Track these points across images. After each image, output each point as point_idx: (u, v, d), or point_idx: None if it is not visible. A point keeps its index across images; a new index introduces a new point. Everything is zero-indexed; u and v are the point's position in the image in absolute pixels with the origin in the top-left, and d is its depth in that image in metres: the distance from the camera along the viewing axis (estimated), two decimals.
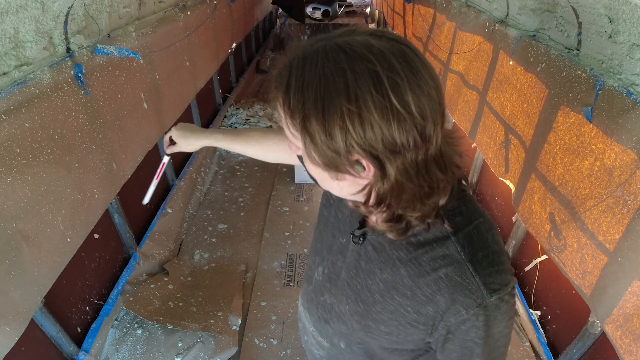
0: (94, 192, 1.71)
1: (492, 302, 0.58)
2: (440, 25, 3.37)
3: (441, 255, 0.60)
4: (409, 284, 0.63)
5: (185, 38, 2.80)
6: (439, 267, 0.60)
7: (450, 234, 0.60)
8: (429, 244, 0.61)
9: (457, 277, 0.58)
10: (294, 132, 0.54)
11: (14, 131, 1.26)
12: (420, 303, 0.62)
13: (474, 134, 2.66)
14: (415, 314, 0.63)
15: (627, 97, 1.31)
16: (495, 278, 0.58)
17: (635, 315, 1.24)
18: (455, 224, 0.60)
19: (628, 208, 1.27)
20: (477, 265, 0.58)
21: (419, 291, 0.62)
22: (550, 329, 1.96)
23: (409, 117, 0.48)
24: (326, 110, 0.48)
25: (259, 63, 6.40)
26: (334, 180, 0.57)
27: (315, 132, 0.50)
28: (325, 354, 0.86)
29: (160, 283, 2.24)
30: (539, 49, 1.87)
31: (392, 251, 0.65)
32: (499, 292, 0.58)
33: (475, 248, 0.59)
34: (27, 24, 1.29)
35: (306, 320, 0.88)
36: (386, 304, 0.66)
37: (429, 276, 0.61)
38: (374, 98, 0.47)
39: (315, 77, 0.49)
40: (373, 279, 0.68)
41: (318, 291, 0.81)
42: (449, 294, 0.59)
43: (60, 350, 1.67)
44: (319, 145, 0.51)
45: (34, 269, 1.35)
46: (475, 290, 0.58)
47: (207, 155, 3.59)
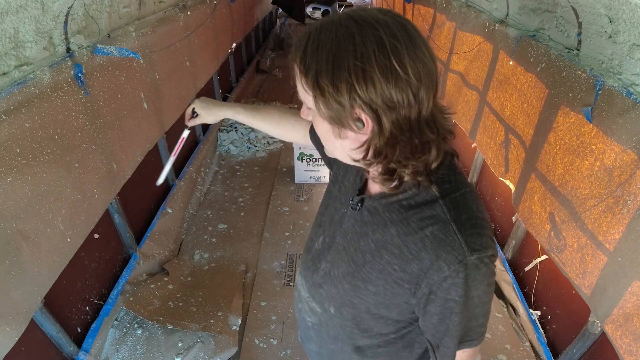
0: (94, 192, 1.71)
1: (472, 261, 0.63)
2: (440, 25, 3.37)
3: (428, 216, 0.66)
4: (398, 242, 0.68)
5: (185, 38, 2.80)
6: (425, 226, 0.65)
7: (438, 198, 0.66)
8: (419, 207, 0.67)
9: (441, 235, 0.64)
10: (306, 89, 0.61)
11: (14, 131, 1.26)
12: (406, 261, 0.67)
13: (474, 134, 2.66)
14: (402, 271, 0.69)
15: (627, 97, 1.31)
16: (476, 239, 0.64)
17: (635, 315, 1.24)
18: (443, 190, 0.66)
19: (628, 208, 1.27)
20: (460, 226, 0.64)
21: (406, 249, 0.67)
22: (550, 329, 1.96)
23: (405, 77, 0.56)
24: (335, 67, 0.56)
25: (259, 63, 6.40)
26: (337, 139, 0.65)
27: (325, 85, 0.58)
28: (316, 320, 0.91)
29: (160, 283, 2.24)
30: (539, 49, 1.87)
31: (384, 213, 0.71)
32: (479, 253, 0.63)
33: (460, 211, 0.65)
34: (27, 24, 1.29)
35: (302, 288, 0.94)
36: (375, 263, 0.72)
37: (416, 234, 0.66)
38: (377, 58, 0.55)
39: (329, 40, 0.57)
40: (365, 240, 0.74)
41: (316, 259, 0.87)
42: (433, 251, 0.64)
43: (60, 350, 1.67)
44: (328, 98, 0.58)
45: (34, 269, 1.35)
46: (457, 248, 0.63)
47: (207, 155, 3.59)
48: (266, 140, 4.05)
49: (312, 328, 0.95)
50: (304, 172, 3.38)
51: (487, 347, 1.98)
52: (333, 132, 0.64)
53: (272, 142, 4.06)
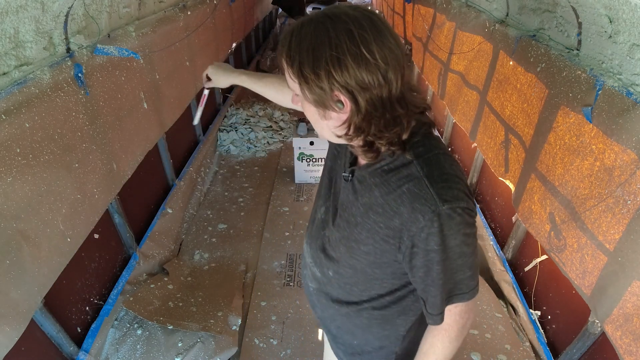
0: (94, 192, 1.71)
1: (445, 211, 0.71)
2: (440, 25, 3.37)
3: (405, 175, 0.75)
4: (381, 202, 0.77)
5: (185, 38, 2.80)
6: (402, 184, 0.75)
7: (413, 159, 0.75)
8: (397, 169, 0.77)
9: (416, 190, 0.73)
10: (293, 78, 0.71)
11: (14, 131, 1.26)
12: (389, 217, 0.76)
13: (474, 134, 2.66)
14: (386, 228, 0.77)
15: (627, 97, 1.31)
16: (447, 191, 0.72)
17: (635, 315, 1.24)
18: (417, 153, 0.76)
19: (628, 208, 1.27)
20: (432, 180, 0.73)
21: (387, 207, 0.76)
22: (550, 329, 1.96)
23: (373, 62, 0.66)
24: (315, 57, 0.66)
25: (259, 63, 6.39)
26: (323, 120, 0.75)
27: (307, 74, 0.68)
28: (316, 285, 1.00)
29: (160, 283, 2.24)
30: (539, 49, 1.87)
31: (370, 179, 0.81)
32: (451, 203, 0.71)
33: (432, 168, 0.74)
34: (27, 24, 1.29)
35: (307, 255, 1.03)
36: (365, 224, 0.81)
37: (395, 192, 0.75)
38: (348, 47, 0.65)
39: (308, 34, 0.67)
40: (356, 205, 0.83)
41: (319, 227, 0.96)
42: (409, 204, 0.73)
43: (60, 350, 1.67)
44: (310, 84, 0.69)
45: (34, 269, 1.35)
46: (429, 199, 0.71)
47: (207, 155, 3.59)
48: (266, 141, 4.05)
49: (313, 294, 1.03)
50: (304, 172, 3.39)
51: (487, 347, 1.98)
52: (319, 114, 0.74)
53: (272, 142, 4.06)
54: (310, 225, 1.03)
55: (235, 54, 5.01)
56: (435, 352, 0.87)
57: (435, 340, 0.87)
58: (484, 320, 2.12)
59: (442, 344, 0.86)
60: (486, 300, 2.23)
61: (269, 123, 4.24)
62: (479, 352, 1.95)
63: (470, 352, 1.95)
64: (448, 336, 0.85)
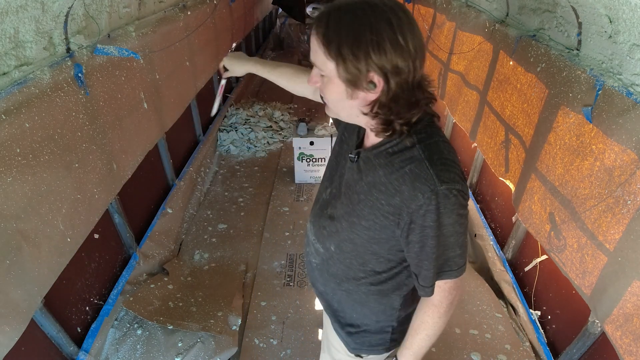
0: (94, 192, 1.71)
1: (442, 191, 0.78)
2: (440, 25, 3.37)
3: (408, 157, 0.82)
4: (384, 181, 0.84)
5: (185, 38, 2.80)
6: (405, 165, 0.81)
7: (415, 144, 0.82)
8: (400, 152, 0.84)
9: (417, 170, 0.80)
10: (327, 58, 0.76)
11: (14, 131, 1.26)
12: (390, 195, 0.83)
13: (474, 134, 2.66)
14: (387, 205, 0.84)
15: (627, 97, 1.31)
16: (445, 173, 0.79)
17: (635, 315, 1.24)
18: (420, 138, 0.83)
19: (628, 208, 1.27)
20: (432, 162, 0.80)
21: (390, 185, 0.83)
22: (550, 329, 1.96)
23: (406, 49, 0.73)
24: (356, 40, 0.72)
25: None
26: (348, 100, 0.80)
27: (347, 55, 0.73)
28: (319, 260, 1.06)
29: (160, 283, 2.24)
30: (539, 49, 1.87)
31: (375, 160, 0.87)
32: (448, 184, 0.78)
33: (432, 152, 0.81)
34: (27, 24, 1.29)
35: (310, 233, 1.09)
36: (367, 201, 0.87)
37: (397, 172, 0.82)
38: (388, 34, 0.72)
39: (348, 19, 0.73)
40: (360, 183, 0.90)
41: (324, 206, 1.02)
42: (410, 183, 0.80)
43: (60, 350, 1.67)
44: (348, 64, 0.74)
45: (34, 269, 1.35)
46: (429, 179, 0.78)
47: (207, 155, 3.59)
48: (266, 141, 4.05)
49: (316, 269, 1.09)
50: (304, 172, 3.39)
51: (487, 347, 1.98)
52: (346, 94, 0.79)
53: (272, 142, 4.06)
54: (315, 205, 1.09)
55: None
56: (426, 328, 0.96)
57: (425, 316, 0.95)
58: (484, 320, 2.12)
59: (432, 320, 0.94)
60: (486, 300, 2.23)
61: (269, 123, 4.24)
62: (479, 352, 1.95)
63: (470, 352, 1.95)
64: (438, 312, 0.93)
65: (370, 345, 1.11)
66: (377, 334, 1.09)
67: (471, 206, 2.78)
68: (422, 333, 0.97)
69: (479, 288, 2.32)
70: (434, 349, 1.94)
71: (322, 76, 0.81)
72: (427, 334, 0.96)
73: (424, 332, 0.96)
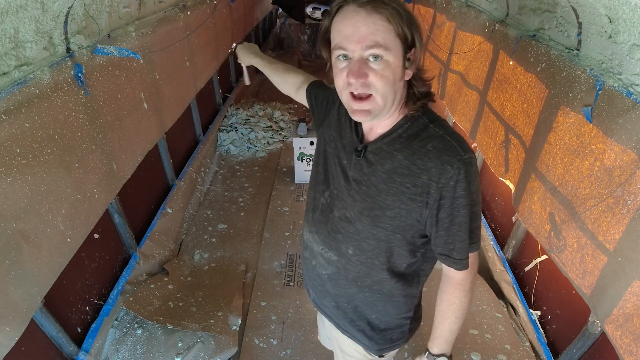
0: (94, 192, 1.71)
1: (467, 158, 0.82)
2: (440, 25, 3.37)
3: (426, 137, 0.85)
4: (406, 163, 0.85)
5: (185, 38, 2.80)
6: (426, 143, 0.84)
7: (428, 123, 0.86)
8: (416, 135, 0.86)
9: (440, 145, 0.83)
10: (396, 37, 0.78)
11: (14, 131, 1.26)
12: (416, 175, 0.84)
13: (474, 134, 2.66)
14: (413, 187, 0.85)
15: (627, 97, 1.31)
16: (464, 144, 0.84)
17: (635, 315, 1.24)
18: (430, 118, 0.88)
19: (628, 208, 1.27)
20: (451, 136, 0.84)
21: (414, 166, 0.84)
22: (550, 329, 1.96)
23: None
24: (407, 13, 0.79)
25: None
26: (399, 81, 0.83)
27: (414, 28, 0.80)
28: (333, 269, 1.02)
29: (160, 283, 2.24)
30: (539, 49, 1.87)
31: (389, 147, 0.88)
32: (469, 153, 0.83)
33: (446, 128, 0.86)
34: (27, 24, 1.29)
35: (314, 244, 1.05)
36: (389, 188, 0.87)
37: (420, 152, 0.84)
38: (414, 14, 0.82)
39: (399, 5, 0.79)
40: (375, 174, 0.89)
41: (326, 211, 1.00)
42: (437, 158, 0.82)
43: (60, 350, 1.67)
44: (411, 43, 0.81)
45: (34, 269, 1.35)
46: (454, 150, 0.82)
47: (207, 155, 3.59)
48: (266, 141, 4.05)
49: (328, 280, 1.05)
50: (304, 172, 3.38)
51: (487, 347, 1.98)
52: (401, 73, 0.82)
53: (272, 142, 4.06)
54: (312, 213, 1.05)
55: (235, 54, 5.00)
56: (455, 310, 0.95)
57: (452, 297, 0.95)
58: (484, 320, 2.12)
59: (459, 299, 0.94)
60: (486, 300, 2.23)
61: (269, 123, 4.24)
62: (479, 352, 1.95)
63: (470, 352, 1.95)
64: (463, 289, 0.94)
65: (392, 342, 1.10)
66: (397, 329, 1.09)
67: None
68: (451, 317, 0.96)
69: (479, 288, 2.32)
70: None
71: (375, 62, 0.78)
72: (456, 315, 0.95)
73: (453, 315, 0.95)
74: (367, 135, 0.94)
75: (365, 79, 0.79)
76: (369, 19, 0.76)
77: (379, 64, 0.78)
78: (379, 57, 0.78)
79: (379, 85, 0.80)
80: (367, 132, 0.94)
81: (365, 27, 0.76)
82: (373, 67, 0.78)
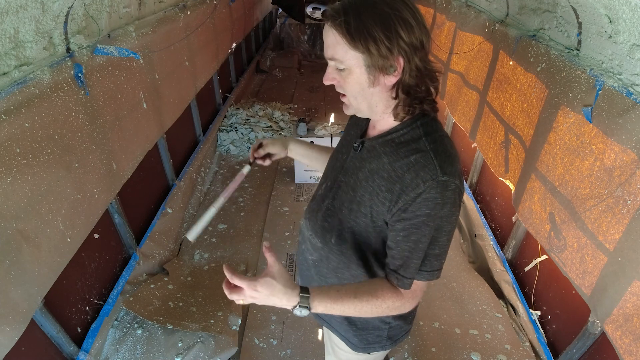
0: (94, 192, 1.71)
1: (443, 181, 0.80)
2: (440, 25, 3.37)
3: (414, 148, 0.84)
4: (388, 168, 0.86)
5: (185, 38, 2.80)
6: (411, 154, 0.84)
7: (422, 135, 0.85)
8: (407, 142, 0.86)
9: (422, 160, 0.82)
10: (351, 48, 0.78)
11: (14, 131, 1.26)
12: (392, 182, 0.84)
13: (474, 134, 2.66)
14: (387, 191, 0.85)
15: (627, 97, 1.31)
16: (447, 165, 0.81)
17: (635, 315, 1.24)
18: (426, 130, 0.86)
19: (628, 208, 1.27)
20: (436, 154, 0.82)
21: (393, 172, 0.85)
22: (550, 329, 1.96)
23: (421, 24, 0.78)
24: (384, 23, 0.76)
25: (259, 63, 6.39)
26: (370, 88, 0.83)
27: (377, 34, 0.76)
28: (317, 256, 1.06)
29: (160, 283, 2.24)
30: (539, 49, 1.87)
31: (380, 148, 0.90)
32: (448, 176, 0.80)
33: (437, 145, 0.84)
34: (27, 24, 1.29)
35: (305, 229, 1.09)
36: (368, 186, 0.89)
37: (403, 161, 0.84)
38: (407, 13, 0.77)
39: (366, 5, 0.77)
40: (362, 170, 0.92)
41: (320, 200, 1.03)
42: (415, 172, 0.82)
43: (60, 350, 1.67)
44: (379, 45, 0.76)
45: (34, 269, 1.35)
46: (432, 169, 0.80)
47: (207, 155, 3.59)
48: None
49: (313, 266, 1.09)
50: (304, 172, 3.38)
51: (487, 347, 1.98)
52: (368, 82, 0.82)
53: None
54: (311, 202, 1.11)
55: (235, 54, 5.01)
56: (375, 307, 0.89)
57: (387, 300, 0.89)
58: (484, 320, 2.12)
59: (389, 309, 0.90)
60: (486, 300, 2.23)
61: (269, 123, 4.24)
62: (479, 352, 1.95)
63: (470, 352, 1.95)
64: (400, 306, 0.91)
65: (369, 344, 1.11)
66: (373, 331, 1.09)
67: (471, 206, 2.77)
68: (365, 307, 0.88)
69: (479, 288, 2.32)
70: (434, 348, 1.94)
71: (340, 71, 0.83)
72: (367, 312, 0.89)
73: (368, 308, 0.88)
74: (370, 132, 0.97)
75: (331, 82, 0.86)
76: (329, 33, 0.81)
77: (342, 73, 0.83)
78: (341, 68, 0.82)
79: (347, 89, 0.86)
80: (370, 129, 0.97)
81: (327, 40, 0.82)
82: (339, 75, 0.84)
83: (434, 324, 2.09)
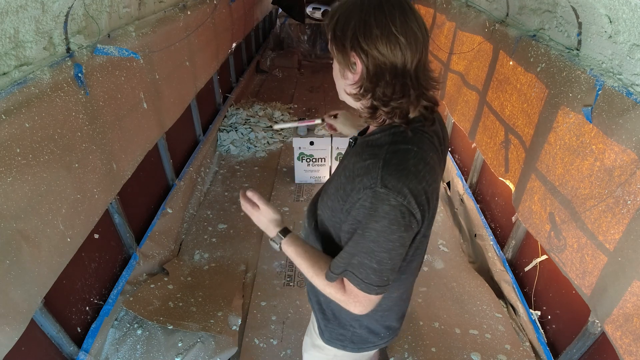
0: (94, 192, 1.71)
1: (380, 193, 0.77)
2: (440, 25, 3.37)
3: (373, 153, 0.83)
4: (352, 167, 0.87)
5: (185, 38, 2.80)
6: (368, 159, 0.83)
7: (388, 143, 0.83)
8: (374, 146, 0.86)
9: (371, 167, 0.81)
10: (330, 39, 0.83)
11: (14, 131, 1.26)
12: (349, 181, 0.86)
13: (473, 134, 2.66)
14: (343, 190, 0.87)
15: (627, 97, 1.31)
16: (392, 179, 0.78)
17: (635, 315, 1.24)
18: (396, 140, 0.84)
19: (628, 208, 1.27)
20: (385, 164, 0.79)
21: (352, 172, 0.86)
22: (550, 329, 1.96)
23: (394, 34, 0.76)
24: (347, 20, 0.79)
25: (259, 63, 6.39)
26: (341, 79, 0.87)
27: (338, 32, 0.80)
28: (304, 235, 1.14)
29: (160, 283, 2.24)
30: (539, 49, 1.87)
31: (359, 147, 0.91)
32: (389, 190, 0.77)
33: (394, 157, 0.81)
34: (27, 24, 1.29)
35: (304, 218, 1.16)
36: (335, 181, 0.92)
37: (360, 163, 0.84)
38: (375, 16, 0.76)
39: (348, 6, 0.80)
40: (341, 165, 0.97)
41: (319, 193, 1.07)
42: (362, 176, 0.81)
43: (60, 350, 1.67)
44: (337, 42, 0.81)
45: (34, 269, 1.35)
46: (373, 178, 0.79)
47: (207, 155, 3.59)
48: (266, 141, 4.05)
49: None
50: (304, 172, 3.38)
51: (487, 347, 1.98)
52: (340, 72, 0.86)
53: (272, 142, 4.06)
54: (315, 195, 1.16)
55: (235, 54, 5.01)
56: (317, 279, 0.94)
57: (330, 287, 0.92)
58: (484, 320, 2.12)
59: (330, 294, 0.93)
60: (486, 300, 2.23)
61: (269, 123, 4.24)
62: (479, 352, 1.95)
63: (470, 352, 1.95)
64: (344, 299, 0.91)
65: (331, 337, 1.13)
66: (340, 328, 1.11)
67: (471, 206, 2.78)
68: (315, 279, 0.94)
69: (479, 288, 2.32)
70: (434, 348, 1.94)
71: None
72: (318, 284, 0.95)
73: (318, 282, 0.94)
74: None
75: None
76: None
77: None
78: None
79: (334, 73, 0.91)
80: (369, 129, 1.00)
81: None
82: None
83: (434, 324, 2.09)
